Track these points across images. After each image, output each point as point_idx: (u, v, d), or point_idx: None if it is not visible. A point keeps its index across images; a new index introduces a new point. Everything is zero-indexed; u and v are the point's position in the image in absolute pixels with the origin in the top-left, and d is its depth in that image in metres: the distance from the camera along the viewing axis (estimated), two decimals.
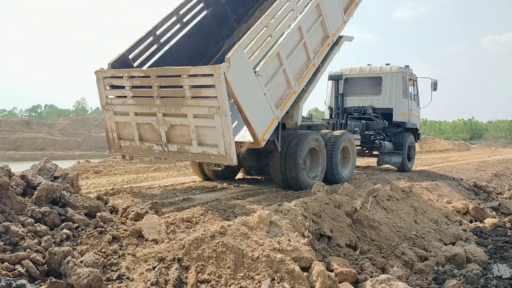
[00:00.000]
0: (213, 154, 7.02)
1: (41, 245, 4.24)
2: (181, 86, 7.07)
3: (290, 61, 8.36)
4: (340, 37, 9.97)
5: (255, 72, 7.43)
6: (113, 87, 8.13)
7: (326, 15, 9.11)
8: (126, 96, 7.89)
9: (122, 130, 8.24)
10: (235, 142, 7.77)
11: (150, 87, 7.51)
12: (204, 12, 10.25)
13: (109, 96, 8.20)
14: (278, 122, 8.17)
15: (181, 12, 9.68)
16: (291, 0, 8.18)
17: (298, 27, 8.41)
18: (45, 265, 4.01)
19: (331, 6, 9.36)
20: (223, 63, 6.75)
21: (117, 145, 8.31)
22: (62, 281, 3.80)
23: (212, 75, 6.72)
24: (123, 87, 7.87)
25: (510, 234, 8.53)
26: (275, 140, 8.33)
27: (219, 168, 8.24)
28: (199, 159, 7.41)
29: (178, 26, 9.64)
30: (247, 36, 7.32)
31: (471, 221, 9.39)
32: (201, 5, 10.16)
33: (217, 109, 6.71)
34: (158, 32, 9.21)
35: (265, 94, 7.65)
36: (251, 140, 7.61)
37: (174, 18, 9.53)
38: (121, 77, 7.80)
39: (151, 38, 9.07)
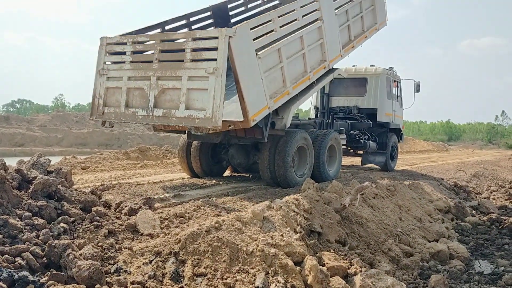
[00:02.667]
0: (198, 118, 7.15)
1: (39, 238, 4.26)
2: (183, 50, 7.36)
3: (289, 63, 8.71)
4: (335, 69, 10.68)
5: (256, 54, 7.76)
6: (114, 53, 8.36)
7: (326, 41, 9.82)
8: (124, 62, 8.14)
9: (110, 97, 8.39)
10: (225, 121, 7.75)
11: (152, 52, 7.82)
12: (212, 29, 10.57)
13: (107, 62, 8.40)
14: (269, 114, 8.36)
15: (191, 19, 10.08)
16: (298, 10, 8.74)
17: (300, 36, 8.95)
18: (44, 258, 4.04)
19: (332, 36, 10.11)
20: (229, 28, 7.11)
21: (100, 111, 8.41)
22: (62, 273, 3.84)
23: (217, 37, 7.02)
24: (124, 53, 8.14)
25: (490, 232, 8.82)
26: (263, 129, 8.44)
27: (199, 133, 8.20)
28: (183, 123, 7.49)
29: (185, 30, 9.92)
30: (255, 19, 7.78)
31: (452, 219, 9.66)
32: (210, 21, 10.66)
33: (214, 69, 6.92)
34: (167, 27, 9.46)
35: (262, 79, 7.92)
36: (241, 118, 7.75)
37: (184, 21, 9.88)
38: (125, 43, 8.09)
39: (159, 30, 9.29)
